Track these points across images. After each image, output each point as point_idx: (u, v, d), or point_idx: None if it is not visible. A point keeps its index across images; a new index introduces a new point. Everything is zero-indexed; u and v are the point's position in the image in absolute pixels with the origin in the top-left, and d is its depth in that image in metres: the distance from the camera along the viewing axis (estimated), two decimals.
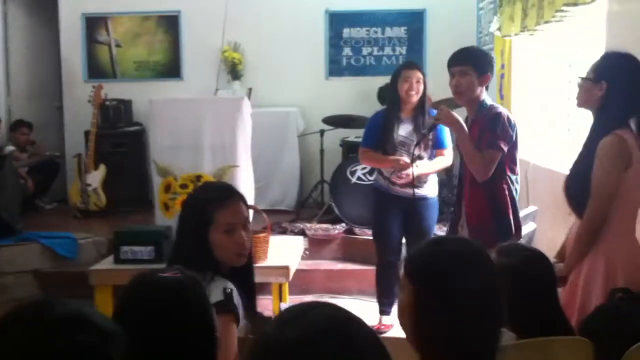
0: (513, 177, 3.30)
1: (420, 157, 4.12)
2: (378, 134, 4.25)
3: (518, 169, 3.34)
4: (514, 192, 3.30)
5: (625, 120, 2.59)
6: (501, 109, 3.33)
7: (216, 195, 2.25)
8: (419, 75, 4.16)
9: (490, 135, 3.21)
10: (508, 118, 3.26)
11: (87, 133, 6.80)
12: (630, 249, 2.61)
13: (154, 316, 1.55)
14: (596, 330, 2.17)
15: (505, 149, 3.22)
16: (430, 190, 4.26)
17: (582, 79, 2.67)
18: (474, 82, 3.28)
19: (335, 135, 6.59)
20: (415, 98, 4.16)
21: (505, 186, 3.27)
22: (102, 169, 6.67)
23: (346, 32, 7.44)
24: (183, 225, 2.27)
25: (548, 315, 2.13)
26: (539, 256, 2.27)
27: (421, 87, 4.16)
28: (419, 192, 4.18)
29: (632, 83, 2.58)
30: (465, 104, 3.42)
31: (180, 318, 1.55)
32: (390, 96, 4.28)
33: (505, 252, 2.26)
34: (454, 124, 3.34)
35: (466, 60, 3.31)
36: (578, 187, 2.63)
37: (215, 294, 2.05)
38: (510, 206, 3.27)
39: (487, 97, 3.37)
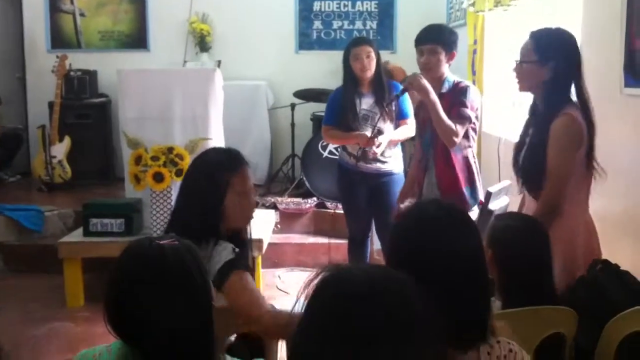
0: (474, 146, 3.56)
1: (380, 132, 4.11)
2: (340, 111, 4.23)
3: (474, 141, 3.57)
4: (475, 160, 3.58)
5: (569, 97, 2.63)
6: (468, 82, 3.56)
7: (231, 160, 2.33)
8: (368, 49, 4.14)
9: (461, 106, 3.38)
10: (477, 91, 3.52)
11: (51, 104, 6.65)
12: (587, 225, 2.67)
13: (151, 284, 1.52)
14: (578, 300, 2.20)
15: (474, 118, 3.43)
16: (394, 165, 4.26)
17: (526, 62, 2.64)
18: (442, 60, 3.45)
19: (306, 109, 6.56)
20: (369, 73, 4.15)
21: (470, 154, 3.51)
22: (67, 141, 6.54)
23: (316, 5, 7.37)
24: (192, 189, 2.30)
25: (539, 282, 2.14)
26: (537, 222, 2.29)
27: (373, 61, 4.15)
28: (384, 167, 4.20)
29: (572, 59, 2.61)
30: (430, 81, 3.49)
31: (178, 286, 1.53)
32: (345, 74, 4.25)
33: (503, 217, 2.28)
34: (424, 90, 3.38)
35: (436, 39, 3.45)
36: (534, 171, 2.64)
37: (225, 254, 2.15)
38: (475, 173, 3.53)
39: (450, 73, 3.54)
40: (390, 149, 4.18)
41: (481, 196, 3.60)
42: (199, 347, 1.54)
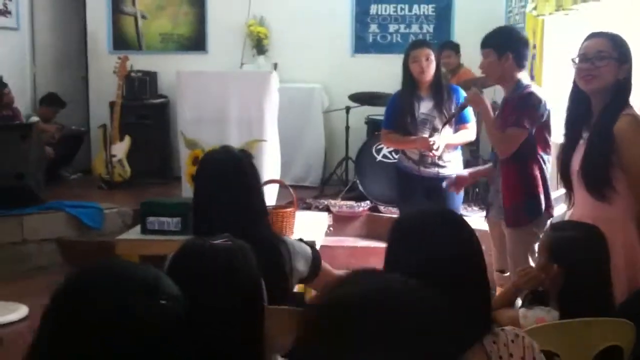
0: (545, 157, 3.36)
1: (435, 129, 4.09)
2: (399, 115, 4.21)
3: (551, 149, 3.38)
4: (545, 172, 3.36)
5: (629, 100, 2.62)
6: (534, 88, 3.36)
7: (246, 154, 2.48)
8: (428, 52, 4.11)
9: (517, 114, 3.27)
10: (539, 99, 3.30)
11: (112, 104, 6.81)
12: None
13: (204, 283, 1.54)
14: (637, 312, 2.15)
15: (531, 128, 3.27)
16: (454, 169, 4.22)
17: (610, 59, 2.58)
18: (492, 63, 3.35)
19: (361, 113, 6.55)
20: (428, 77, 4.12)
21: (536, 165, 3.32)
22: (127, 140, 6.68)
23: (373, 8, 7.36)
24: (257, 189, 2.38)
25: (600, 292, 2.11)
26: (599, 231, 2.28)
27: (432, 64, 4.11)
28: (443, 172, 4.15)
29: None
30: (499, 84, 3.51)
31: (230, 286, 1.55)
32: (404, 77, 4.23)
33: (560, 227, 2.25)
34: (480, 106, 3.42)
35: (485, 43, 3.42)
36: (599, 172, 2.58)
37: (305, 249, 2.37)
38: (541, 185, 3.32)
39: (525, 77, 3.42)
40: (449, 152, 4.15)
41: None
42: (247, 347, 1.55)
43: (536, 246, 3.31)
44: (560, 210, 3.85)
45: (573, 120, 2.73)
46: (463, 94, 4.19)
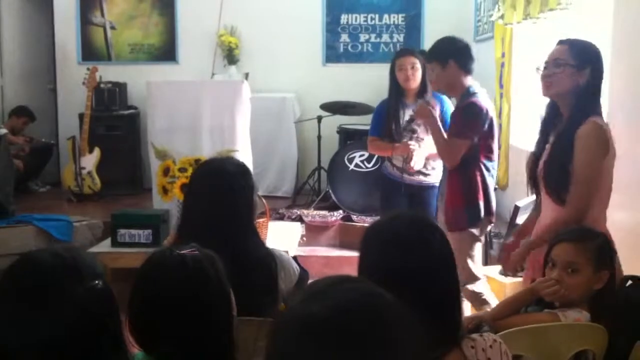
0: (489, 164, 3.47)
1: (413, 131, 4.12)
2: (384, 122, 4.24)
3: (495, 156, 3.50)
4: (487, 179, 3.46)
5: (598, 106, 2.64)
6: (475, 98, 3.41)
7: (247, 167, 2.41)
8: (413, 60, 4.14)
9: (459, 124, 3.39)
10: (479, 107, 3.38)
11: (81, 116, 6.74)
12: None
13: (171, 293, 1.52)
14: (608, 317, 2.16)
15: (474, 138, 3.36)
16: (437, 178, 4.24)
17: (566, 65, 2.59)
18: (440, 74, 3.46)
19: (333, 122, 6.56)
20: (413, 84, 4.15)
21: (478, 173, 3.42)
22: (97, 152, 6.61)
23: (343, 18, 7.40)
24: (246, 208, 2.31)
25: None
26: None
27: (418, 72, 4.14)
28: (426, 180, 4.18)
29: (602, 69, 2.64)
30: (451, 94, 3.72)
31: (198, 295, 1.53)
32: (390, 84, 4.26)
33: (585, 235, 2.34)
34: (426, 118, 3.60)
35: (429, 58, 3.57)
36: (558, 175, 2.61)
37: (294, 266, 2.39)
38: (481, 192, 3.43)
39: (475, 84, 3.47)
40: (433, 160, 4.16)
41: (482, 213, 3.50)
42: (217, 356, 1.54)
43: (475, 248, 3.44)
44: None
45: (544, 126, 2.77)
46: (447, 101, 4.22)
